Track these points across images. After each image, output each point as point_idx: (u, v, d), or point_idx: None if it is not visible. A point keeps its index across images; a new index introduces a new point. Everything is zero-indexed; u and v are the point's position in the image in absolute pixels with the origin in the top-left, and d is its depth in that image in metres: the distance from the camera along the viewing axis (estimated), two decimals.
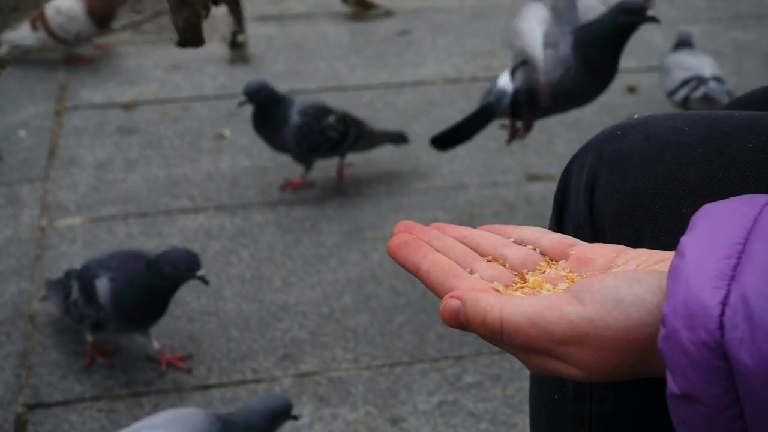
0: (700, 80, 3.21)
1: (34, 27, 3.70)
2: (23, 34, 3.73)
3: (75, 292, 2.18)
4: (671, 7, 4.48)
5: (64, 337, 2.33)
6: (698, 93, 3.20)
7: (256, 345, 2.31)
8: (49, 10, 3.69)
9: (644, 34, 4.11)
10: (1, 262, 2.61)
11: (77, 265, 2.30)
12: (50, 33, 3.69)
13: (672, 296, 0.62)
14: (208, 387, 2.19)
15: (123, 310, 2.14)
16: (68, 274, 2.25)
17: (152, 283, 2.12)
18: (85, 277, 2.18)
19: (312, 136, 2.78)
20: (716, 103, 3.17)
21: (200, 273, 2.11)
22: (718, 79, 3.21)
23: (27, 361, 2.26)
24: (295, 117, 2.76)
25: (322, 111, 2.82)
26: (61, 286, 2.26)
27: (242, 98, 2.77)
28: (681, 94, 3.25)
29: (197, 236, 2.71)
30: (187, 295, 2.45)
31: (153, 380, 2.21)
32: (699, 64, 3.27)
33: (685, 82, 3.25)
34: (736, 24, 4.24)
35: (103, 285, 2.14)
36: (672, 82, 3.28)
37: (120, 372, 2.23)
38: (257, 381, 2.21)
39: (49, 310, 2.40)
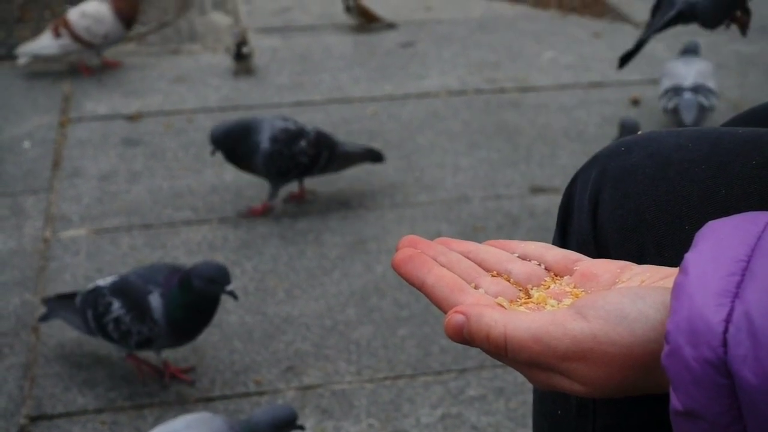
0: (677, 90, 3.25)
1: (56, 34, 3.70)
2: (45, 43, 3.73)
3: (118, 309, 2.13)
4: None
5: (67, 348, 2.33)
6: (671, 104, 3.25)
7: (259, 357, 2.31)
8: (73, 15, 3.70)
9: (647, 47, 4.12)
10: (4, 274, 2.61)
11: (99, 280, 2.25)
12: (76, 38, 3.69)
13: (676, 313, 0.62)
14: (211, 399, 2.19)
15: (175, 325, 2.12)
16: (95, 291, 2.19)
17: (190, 298, 2.10)
18: (133, 293, 2.13)
19: (282, 162, 2.77)
20: (684, 115, 3.20)
21: (229, 288, 2.09)
22: (698, 89, 3.23)
23: (30, 372, 2.26)
24: (265, 144, 2.75)
25: (294, 135, 2.79)
26: (78, 303, 2.21)
27: (210, 148, 2.78)
28: (662, 103, 3.34)
29: (201, 248, 2.72)
30: None
31: (156, 392, 2.21)
32: (684, 72, 3.29)
33: (666, 92, 3.30)
34: (740, 37, 4.24)
35: (156, 301, 2.11)
36: (660, 90, 3.37)
37: (123, 384, 2.23)
38: (260, 393, 2.20)
39: (52, 322, 2.40)
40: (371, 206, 2.94)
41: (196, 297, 2.10)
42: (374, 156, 2.99)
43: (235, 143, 2.77)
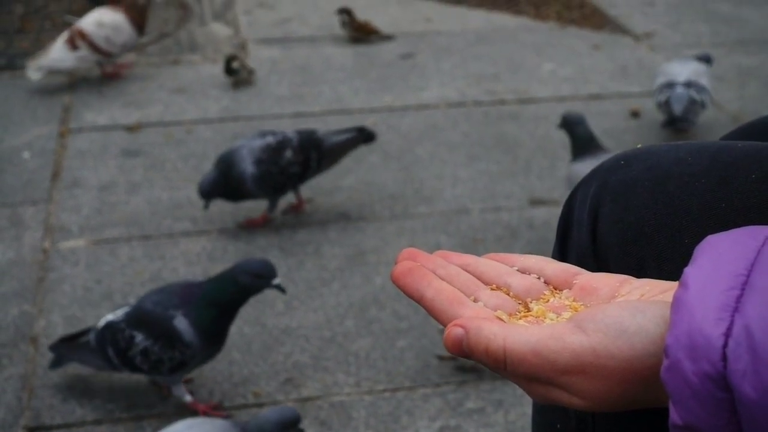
0: (670, 85, 3.31)
1: (73, 47, 3.69)
2: (60, 56, 3.70)
3: (143, 341, 2.09)
4: (675, 31, 4.50)
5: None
6: (663, 97, 3.32)
7: (258, 369, 2.30)
8: (88, 26, 3.70)
9: (646, 59, 4.13)
10: (3, 284, 2.61)
11: (109, 315, 2.18)
12: (95, 49, 3.70)
13: (675, 327, 0.62)
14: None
15: (208, 339, 2.10)
16: (110, 327, 2.14)
17: (224, 298, 2.09)
18: (155, 322, 2.10)
19: (273, 179, 2.77)
20: (674, 106, 3.28)
21: (276, 281, 2.10)
22: (690, 84, 3.29)
23: (28, 383, 2.26)
24: (250, 169, 2.74)
25: (277, 149, 2.77)
26: (94, 342, 2.16)
27: (202, 203, 2.79)
28: (656, 98, 3.42)
29: (200, 259, 2.72)
30: None
31: (154, 403, 2.21)
32: (678, 71, 3.36)
33: (660, 87, 3.36)
34: (740, 49, 4.25)
35: (182, 324, 2.08)
36: (654, 86, 3.45)
37: (121, 395, 2.23)
38: (259, 405, 2.20)
39: (51, 332, 2.40)
40: (370, 218, 2.94)
41: (233, 294, 2.08)
42: (365, 136, 2.94)
43: (224, 186, 2.75)
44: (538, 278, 0.79)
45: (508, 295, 0.78)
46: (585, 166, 2.77)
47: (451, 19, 4.65)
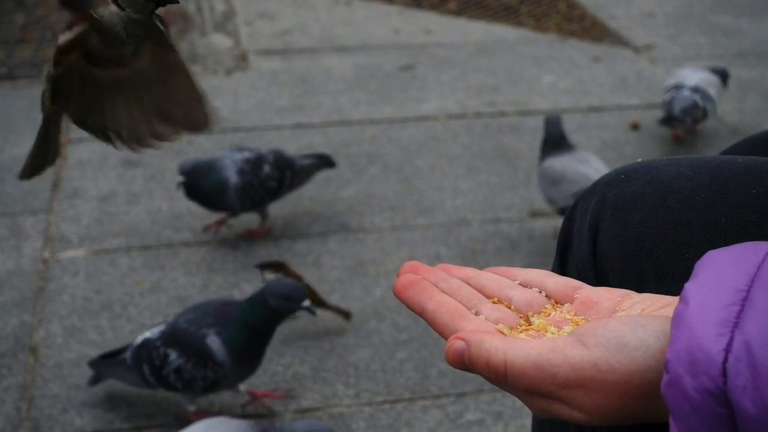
0: (678, 87, 3.36)
1: None
2: None
3: (176, 359, 2.09)
4: (675, 44, 4.51)
5: (66, 370, 2.33)
6: (668, 96, 3.38)
7: (257, 380, 2.30)
8: None
9: (646, 71, 4.14)
10: (3, 294, 2.61)
11: (146, 332, 2.18)
12: None
13: (675, 342, 0.62)
14: None
15: (240, 360, 2.09)
16: (146, 345, 2.13)
17: (256, 321, 2.07)
18: (188, 340, 2.09)
19: (253, 192, 2.76)
20: (675, 105, 3.35)
21: (306, 304, 2.09)
22: (698, 90, 3.34)
23: (28, 393, 2.26)
24: (234, 178, 2.73)
25: (256, 162, 2.78)
26: (130, 360, 2.15)
27: (179, 178, 2.75)
28: (662, 97, 3.49)
29: (200, 270, 2.72)
30: None
31: (154, 414, 2.21)
32: (690, 76, 3.43)
33: (668, 88, 3.42)
34: (739, 62, 4.26)
35: (215, 343, 2.07)
36: (663, 87, 3.52)
37: (121, 405, 2.23)
38: (259, 416, 2.20)
39: (50, 342, 2.40)
40: (370, 229, 2.94)
41: (264, 317, 2.07)
42: (327, 162, 2.96)
43: (200, 179, 2.74)
44: (540, 292, 0.79)
45: (510, 308, 0.78)
46: (555, 161, 2.85)
47: (452, 31, 4.66)
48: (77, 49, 0.96)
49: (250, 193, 2.75)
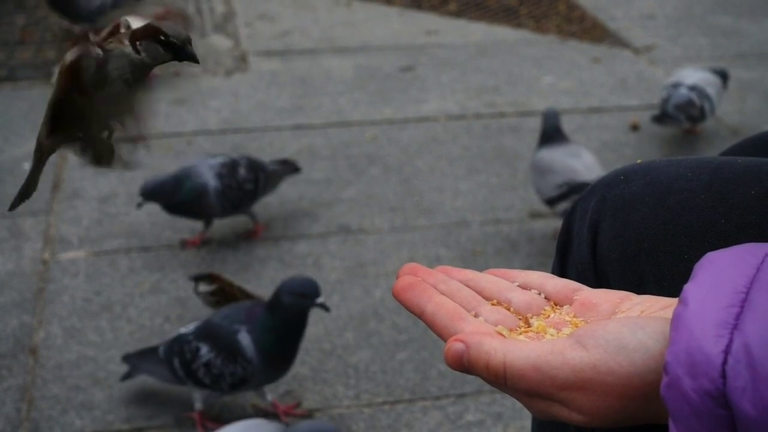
0: (676, 85, 3.38)
1: None
2: None
3: (207, 354, 2.09)
4: (675, 45, 4.51)
5: (65, 371, 2.33)
6: (665, 93, 3.39)
7: None
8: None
9: (646, 72, 4.14)
10: (3, 295, 2.61)
11: (181, 328, 2.19)
12: None
13: (675, 344, 0.62)
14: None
15: (269, 358, 2.09)
16: (179, 339, 2.13)
17: (277, 321, 2.07)
18: (220, 335, 2.09)
19: (233, 194, 2.76)
20: (671, 101, 3.37)
21: (320, 300, 2.08)
22: (695, 88, 3.34)
23: (28, 395, 2.26)
24: (213, 182, 2.72)
25: (232, 166, 2.77)
26: (162, 354, 2.15)
27: (138, 199, 2.73)
28: (660, 94, 3.51)
29: (200, 270, 2.71)
30: None
31: (154, 415, 2.21)
32: (689, 75, 3.44)
33: (666, 86, 3.43)
34: (739, 63, 4.26)
35: (245, 339, 2.07)
36: (662, 87, 3.54)
37: (121, 407, 2.23)
38: (259, 417, 2.20)
39: (50, 343, 2.40)
40: (370, 230, 2.94)
41: (285, 316, 2.07)
42: (292, 168, 2.96)
43: (174, 193, 2.72)
44: (539, 294, 0.79)
45: (509, 310, 0.78)
46: (546, 153, 2.88)
47: (452, 32, 4.66)
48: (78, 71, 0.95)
49: (230, 196, 2.74)
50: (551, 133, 2.90)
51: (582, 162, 2.79)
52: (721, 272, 0.64)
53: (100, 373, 2.31)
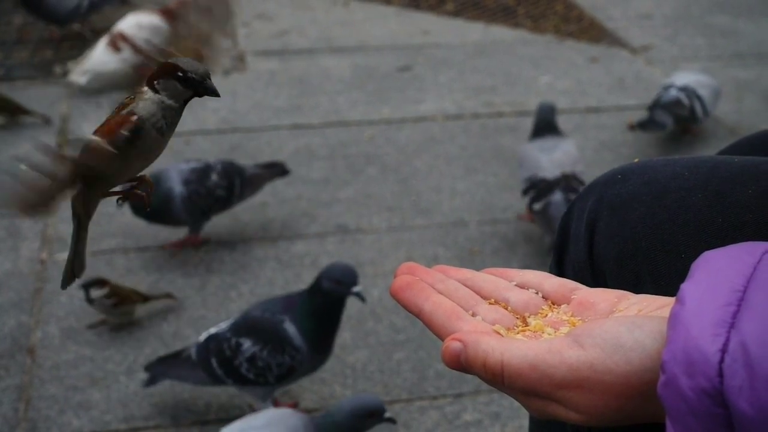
0: (667, 87, 3.39)
1: (116, 49, 3.71)
2: (105, 59, 3.74)
3: (251, 347, 2.07)
4: (673, 45, 4.51)
5: (63, 371, 2.33)
6: (655, 96, 3.40)
7: None
8: (129, 28, 3.72)
9: (644, 72, 4.14)
10: (0, 295, 2.61)
11: (211, 329, 2.17)
12: (137, 50, 3.69)
13: (672, 343, 0.62)
14: (206, 422, 2.19)
15: (314, 346, 2.09)
16: (214, 338, 2.11)
17: (317, 306, 2.07)
18: (265, 328, 2.08)
19: (201, 201, 2.74)
20: (657, 105, 3.38)
21: (356, 289, 2.08)
22: (686, 89, 3.35)
23: (25, 394, 2.26)
24: (178, 188, 2.71)
25: (203, 172, 2.75)
26: (195, 356, 2.13)
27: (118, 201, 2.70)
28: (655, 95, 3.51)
29: (197, 270, 2.71)
30: (185, 329, 2.45)
31: (151, 415, 2.21)
32: (684, 76, 3.46)
33: (659, 89, 3.45)
34: (736, 62, 4.26)
35: (291, 328, 2.06)
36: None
37: (118, 407, 2.22)
38: None
39: (47, 343, 2.40)
40: (368, 230, 2.94)
41: (324, 301, 2.07)
42: (280, 170, 2.93)
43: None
44: (537, 293, 0.79)
45: (507, 309, 0.78)
46: (527, 145, 2.92)
47: (449, 31, 4.66)
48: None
49: (197, 201, 2.72)
50: (541, 127, 2.93)
51: (550, 157, 2.79)
52: (718, 271, 0.64)
53: (98, 373, 2.31)
